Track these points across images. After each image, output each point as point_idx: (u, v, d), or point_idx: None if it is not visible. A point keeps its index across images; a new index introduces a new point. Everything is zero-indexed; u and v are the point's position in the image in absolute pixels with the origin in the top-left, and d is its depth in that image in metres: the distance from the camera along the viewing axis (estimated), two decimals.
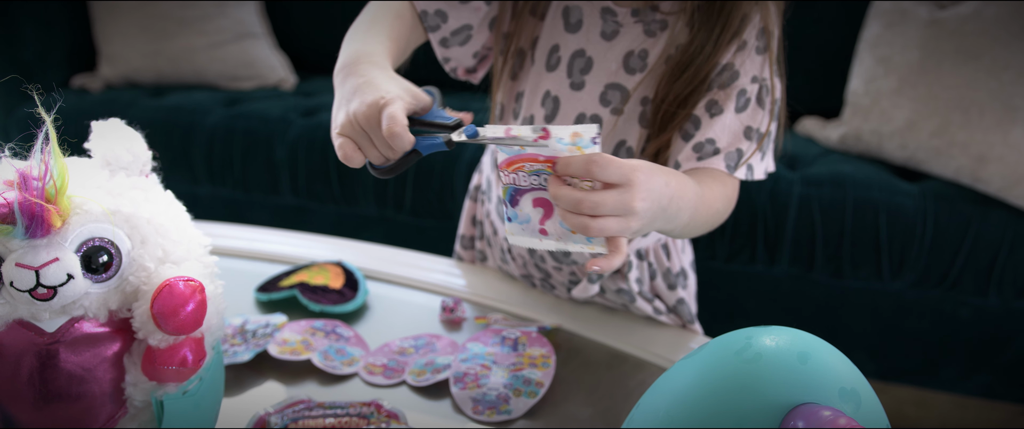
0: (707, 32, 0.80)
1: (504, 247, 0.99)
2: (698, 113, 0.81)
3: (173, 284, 0.56)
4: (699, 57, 0.80)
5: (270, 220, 1.88)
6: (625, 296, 0.94)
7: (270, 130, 1.83)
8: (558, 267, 0.94)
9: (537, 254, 0.93)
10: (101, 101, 2.00)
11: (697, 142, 0.80)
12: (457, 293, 0.99)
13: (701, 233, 0.80)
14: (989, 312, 1.57)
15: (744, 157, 0.81)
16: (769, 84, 0.82)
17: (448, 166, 1.70)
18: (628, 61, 0.84)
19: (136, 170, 0.62)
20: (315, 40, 2.23)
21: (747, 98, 0.81)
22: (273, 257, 1.06)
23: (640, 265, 0.95)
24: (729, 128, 0.80)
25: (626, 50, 0.84)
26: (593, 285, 0.91)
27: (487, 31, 0.90)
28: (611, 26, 0.84)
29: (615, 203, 0.60)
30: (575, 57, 0.86)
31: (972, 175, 1.50)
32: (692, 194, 0.71)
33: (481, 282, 1.02)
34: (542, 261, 0.94)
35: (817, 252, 1.56)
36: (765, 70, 0.82)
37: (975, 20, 1.51)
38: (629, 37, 0.84)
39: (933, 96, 1.53)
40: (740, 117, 0.81)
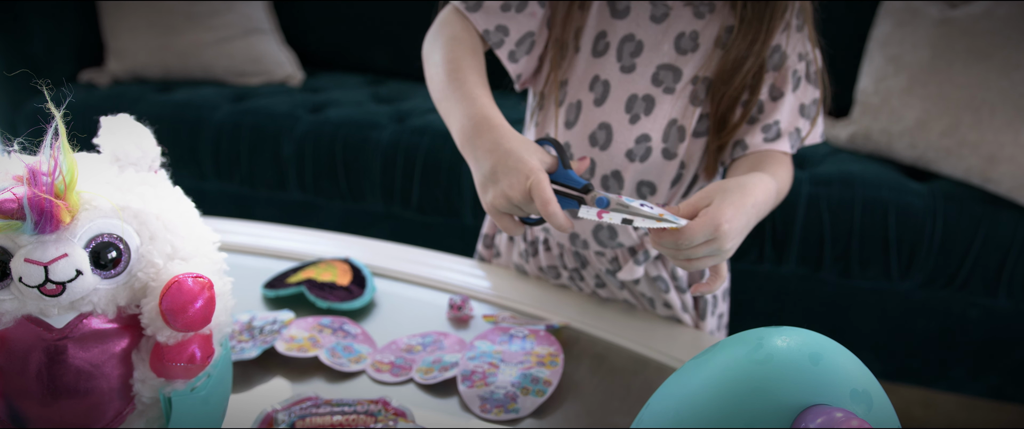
0: (757, 26, 0.84)
1: (540, 238, 0.99)
2: (761, 98, 0.87)
3: (182, 281, 0.56)
4: (752, 51, 0.84)
5: (277, 216, 1.88)
6: (660, 285, 0.95)
7: (277, 126, 1.83)
8: (601, 251, 0.95)
9: (579, 240, 0.94)
10: (108, 96, 2.00)
11: (764, 124, 0.87)
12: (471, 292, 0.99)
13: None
14: (998, 313, 1.56)
15: (803, 134, 0.89)
16: (812, 57, 0.88)
17: (455, 164, 1.69)
18: (679, 42, 0.87)
19: (145, 166, 0.62)
20: (323, 36, 2.23)
21: (799, 77, 0.88)
22: (280, 254, 1.06)
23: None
24: (789, 109, 0.87)
25: (677, 32, 0.87)
26: (638, 267, 0.92)
27: (546, 32, 0.91)
28: (661, 10, 0.87)
29: (707, 252, 0.70)
30: (624, 41, 0.88)
31: (982, 175, 1.50)
32: (772, 197, 0.79)
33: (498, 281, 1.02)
34: (585, 247, 0.95)
35: (825, 251, 1.55)
36: (806, 45, 0.88)
37: (986, 19, 1.50)
38: (679, 20, 0.87)
39: (943, 96, 1.52)
40: (796, 95, 0.88)
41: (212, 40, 2.06)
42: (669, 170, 0.90)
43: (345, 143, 1.76)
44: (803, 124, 0.89)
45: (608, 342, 0.90)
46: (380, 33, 2.17)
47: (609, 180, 0.90)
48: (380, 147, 1.74)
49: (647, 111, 0.88)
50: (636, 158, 0.89)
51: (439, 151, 1.71)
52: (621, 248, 0.94)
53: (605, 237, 0.93)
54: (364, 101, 1.96)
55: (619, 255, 0.95)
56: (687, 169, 0.91)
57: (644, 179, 0.90)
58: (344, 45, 2.22)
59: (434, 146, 1.71)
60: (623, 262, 0.95)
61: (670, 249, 0.70)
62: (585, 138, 0.90)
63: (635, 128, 0.88)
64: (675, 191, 0.91)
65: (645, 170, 0.90)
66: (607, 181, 0.90)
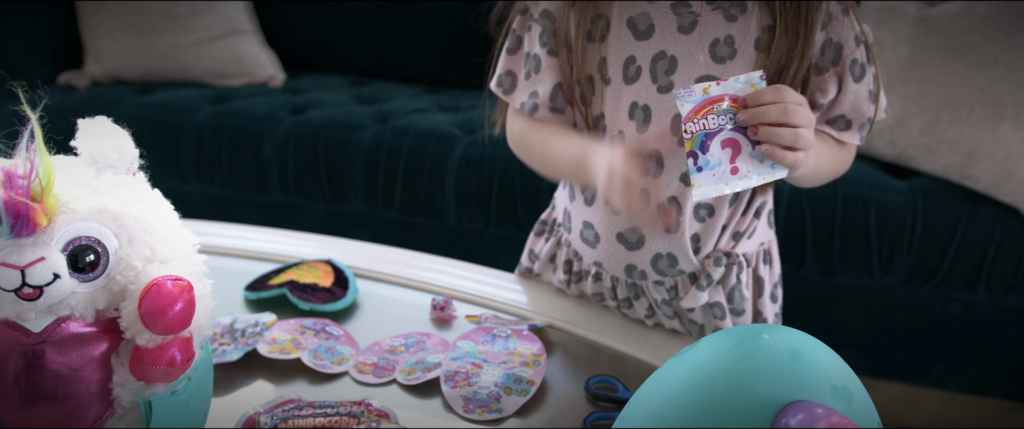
0: (796, 27, 0.80)
1: (590, 272, 0.95)
2: (821, 93, 0.84)
3: (161, 283, 0.56)
4: (794, 54, 0.81)
5: (259, 218, 1.87)
6: (716, 312, 0.92)
7: (259, 127, 1.82)
8: (660, 280, 0.90)
9: (637, 271, 0.90)
10: (87, 98, 1.98)
11: (830, 117, 0.85)
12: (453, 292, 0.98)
13: (823, 182, 0.89)
14: (978, 308, 1.58)
15: (871, 119, 0.86)
16: (863, 36, 0.84)
17: (438, 164, 1.69)
18: (715, 50, 0.82)
19: (123, 168, 0.62)
20: (304, 37, 2.22)
21: (860, 63, 0.84)
22: (262, 255, 1.06)
23: (748, 271, 0.92)
24: (856, 99, 0.84)
25: (711, 39, 0.82)
26: (702, 292, 0.88)
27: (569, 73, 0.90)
28: (687, 18, 0.82)
29: (806, 115, 0.72)
30: (656, 61, 0.83)
31: (961, 172, 1.51)
32: (823, 146, 0.83)
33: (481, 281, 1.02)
34: (642, 278, 0.91)
35: (807, 249, 1.56)
36: (856, 25, 0.84)
37: (964, 17, 1.52)
38: (710, 26, 0.82)
39: (923, 93, 1.53)
40: (862, 85, 0.84)
41: (192, 41, 2.05)
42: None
43: (327, 144, 1.75)
44: (870, 109, 0.86)
45: (591, 341, 0.91)
46: (362, 33, 2.17)
47: (665, 206, 0.86)
48: (362, 148, 1.74)
49: None
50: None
51: (422, 152, 1.70)
52: (681, 276, 0.90)
53: (664, 266, 0.89)
54: (346, 102, 1.95)
55: (679, 283, 0.90)
56: (745, 190, 0.88)
57: (702, 201, 0.87)
58: (326, 46, 2.21)
59: (417, 146, 1.71)
60: (683, 290, 0.90)
61: (775, 107, 0.71)
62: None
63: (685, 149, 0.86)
64: (734, 211, 0.88)
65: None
66: (664, 207, 0.86)
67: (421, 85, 2.14)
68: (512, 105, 0.92)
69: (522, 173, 1.63)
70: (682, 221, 0.84)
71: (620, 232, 0.89)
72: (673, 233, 0.76)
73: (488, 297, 0.98)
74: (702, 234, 0.88)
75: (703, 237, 0.88)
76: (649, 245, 0.88)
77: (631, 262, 0.90)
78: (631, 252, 0.89)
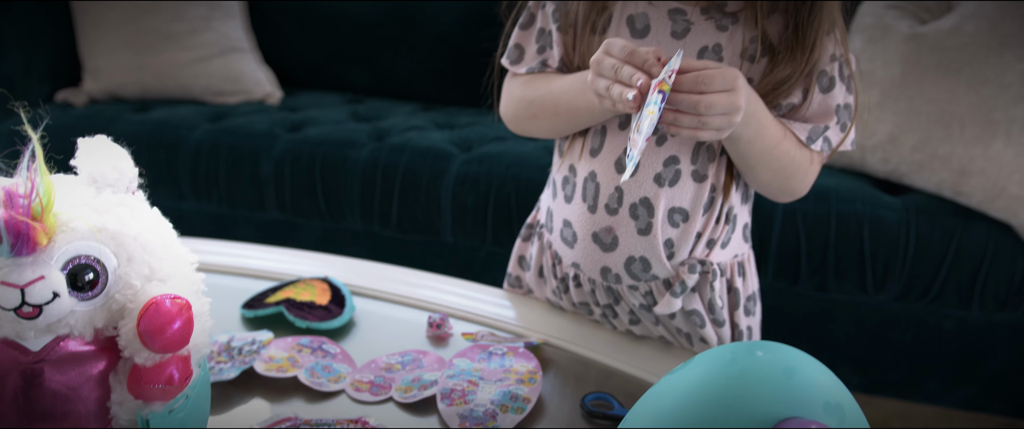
0: (793, 66, 0.84)
1: (570, 275, 0.97)
2: (785, 96, 0.86)
3: (160, 302, 0.56)
4: (797, 70, 0.84)
5: (256, 235, 1.87)
6: (695, 320, 0.93)
7: (256, 145, 1.82)
8: (634, 285, 0.92)
9: (611, 274, 0.92)
10: (85, 115, 1.99)
11: (790, 117, 0.87)
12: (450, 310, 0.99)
13: (779, 184, 0.89)
14: (972, 324, 1.59)
15: (829, 133, 0.87)
16: (844, 59, 0.87)
17: (434, 182, 1.70)
18: (703, 56, 0.86)
19: (122, 187, 0.62)
20: (301, 54, 2.23)
21: (829, 76, 0.86)
22: (259, 273, 1.06)
23: (722, 280, 0.94)
24: (818, 108, 0.86)
25: (700, 46, 0.86)
26: (676, 299, 0.90)
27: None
28: (681, 25, 0.86)
29: (726, 103, 0.73)
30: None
31: (954, 188, 1.52)
32: (770, 119, 0.83)
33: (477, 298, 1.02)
34: (617, 281, 0.92)
35: (802, 265, 1.57)
36: (838, 48, 0.86)
37: (955, 35, 1.54)
38: (701, 33, 0.86)
39: (915, 110, 1.54)
40: (827, 96, 0.86)
41: (190, 59, 2.06)
42: (701, 194, 0.88)
43: (324, 162, 1.76)
44: (832, 124, 0.87)
45: (587, 358, 0.91)
46: (359, 51, 2.18)
47: (638, 208, 0.88)
48: (359, 166, 1.74)
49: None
50: (665, 182, 0.87)
51: (418, 169, 1.71)
52: (655, 281, 0.91)
53: (638, 270, 0.91)
54: (343, 119, 1.96)
55: (653, 288, 0.92)
56: (717, 193, 0.90)
57: (676, 205, 0.88)
58: (323, 63, 2.23)
59: (413, 164, 1.72)
60: (658, 296, 0.92)
61: (688, 98, 0.73)
62: (611, 165, 0.89)
63: (662, 150, 0.87)
64: (709, 218, 0.90)
65: (676, 195, 0.88)
66: (637, 209, 0.88)
67: (418, 102, 2.15)
68: (516, 72, 0.96)
69: (518, 191, 1.64)
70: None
71: (595, 232, 0.91)
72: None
73: (484, 314, 0.98)
74: (676, 240, 0.89)
75: (677, 243, 0.89)
76: (623, 248, 0.90)
77: (606, 264, 0.91)
78: (606, 254, 0.91)
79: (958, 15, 1.57)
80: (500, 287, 1.10)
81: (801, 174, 0.89)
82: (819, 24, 0.83)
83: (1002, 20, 1.50)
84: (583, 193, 0.91)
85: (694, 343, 0.96)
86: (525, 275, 1.06)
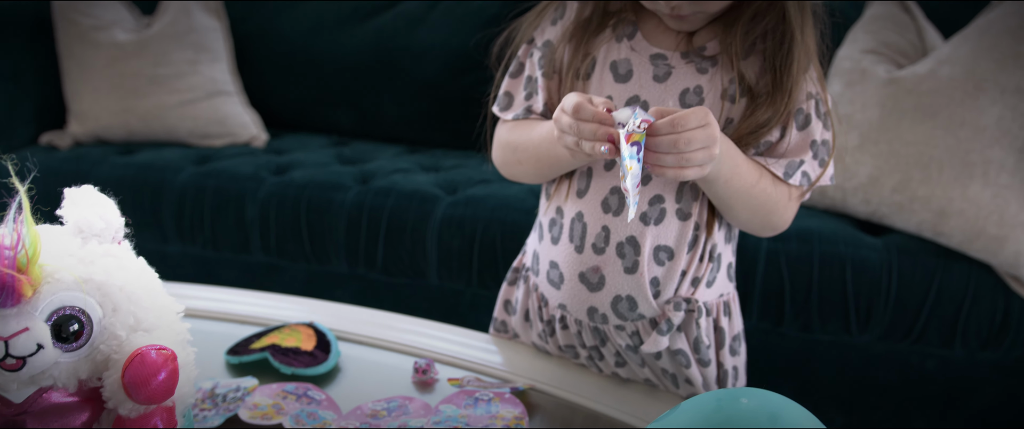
0: (773, 109, 0.86)
1: (556, 317, 0.98)
2: (770, 139, 0.89)
3: (145, 353, 0.56)
4: (777, 112, 0.86)
5: (240, 278, 1.86)
6: (681, 360, 0.94)
7: (241, 188, 1.82)
8: (621, 325, 0.93)
9: (598, 314, 0.93)
10: (69, 158, 1.99)
11: (766, 154, 0.89)
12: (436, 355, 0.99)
13: (759, 222, 0.91)
14: (955, 364, 1.59)
15: (806, 168, 0.89)
16: (821, 96, 0.89)
17: (419, 225, 1.70)
18: (685, 98, 0.88)
19: (108, 237, 0.62)
20: (287, 97, 2.24)
21: (805, 114, 0.88)
22: (244, 319, 1.06)
23: (708, 320, 0.95)
24: (794, 144, 0.88)
25: (681, 88, 0.88)
26: (662, 337, 0.91)
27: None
28: (663, 69, 0.89)
29: (702, 137, 0.75)
30: (630, 103, 0.90)
31: (933, 229, 1.54)
32: (741, 158, 0.84)
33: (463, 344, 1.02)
34: (603, 321, 0.93)
35: (786, 306, 1.57)
36: (814, 85, 0.89)
37: (930, 80, 1.57)
38: (682, 77, 0.89)
39: (894, 153, 1.57)
40: (805, 133, 0.88)
41: (176, 102, 2.07)
42: (686, 232, 0.90)
43: (309, 205, 1.76)
44: (808, 159, 0.89)
45: (573, 403, 0.91)
46: (344, 94, 2.20)
47: (625, 247, 0.90)
48: (345, 208, 1.75)
49: None
50: (651, 221, 0.89)
51: (404, 211, 1.72)
52: (642, 320, 0.92)
53: (625, 309, 0.91)
54: (329, 162, 1.97)
55: (640, 328, 0.93)
56: (701, 231, 0.91)
57: (661, 243, 0.90)
58: (308, 106, 2.24)
59: (399, 207, 1.72)
60: (645, 335, 0.93)
61: (667, 139, 0.75)
62: (598, 205, 0.91)
63: (647, 190, 0.89)
64: (693, 256, 0.91)
65: (661, 234, 0.89)
66: (623, 248, 0.90)
67: (403, 145, 2.16)
68: (504, 119, 0.98)
69: (503, 233, 1.64)
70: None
71: (582, 272, 0.92)
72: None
73: (470, 360, 0.98)
74: (662, 278, 0.90)
75: (663, 281, 0.90)
76: (609, 287, 0.91)
77: (593, 304, 0.92)
78: (592, 294, 0.92)
79: (933, 60, 1.60)
80: (486, 330, 1.10)
81: (780, 210, 0.90)
82: (796, 68, 0.85)
83: (976, 65, 1.53)
84: (570, 234, 0.92)
85: (680, 384, 0.97)
86: (511, 319, 1.06)
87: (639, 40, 0.91)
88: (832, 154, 0.91)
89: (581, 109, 0.78)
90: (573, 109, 0.78)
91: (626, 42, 0.91)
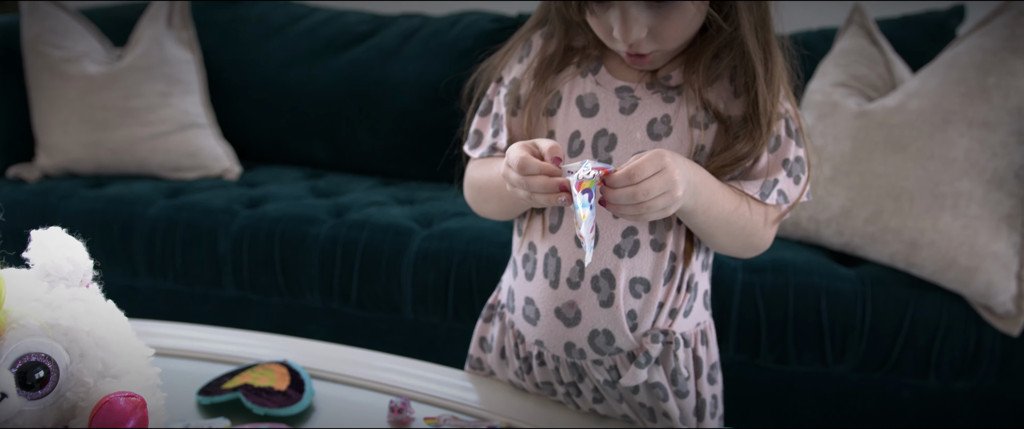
0: (752, 142, 0.86)
1: (533, 353, 0.97)
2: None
3: (113, 401, 0.55)
4: (755, 145, 0.86)
5: (212, 313, 1.84)
6: (658, 393, 0.93)
7: (213, 221, 1.80)
8: (599, 360, 0.93)
9: (576, 349, 0.92)
10: (37, 191, 1.95)
11: (739, 177, 0.89)
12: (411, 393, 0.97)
13: (740, 245, 0.90)
14: (930, 393, 1.60)
15: (781, 186, 0.88)
16: (792, 115, 0.89)
17: (394, 259, 1.69)
18: (652, 128, 0.88)
19: (76, 280, 0.61)
20: (261, 129, 2.23)
21: (776, 135, 0.88)
22: (216, 357, 1.04)
23: (686, 350, 0.94)
24: (766, 165, 0.88)
25: (648, 119, 0.88)
26: (641, 370, 0.90)
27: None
28: (629, 101, 0.89)
29: (661, 184, 0.75)
30: (598, 137, 0.89)
31: (906, 260, 1.55)
32: (717, 185, 0.84)
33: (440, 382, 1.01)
34: (581, 356, 0.93)
35: (762, 338, 1.58)
36: (787, 103, 0.89)
37: (900, 112, 1.59)
38: (649, 107, 0.88)
39: (866, 185, 1.58)
40: (776, 154, 0.88)
41: (147, 135, 2.04)
42: (661, 263, 0.90)
43: (283, 239, 1.75)
44: (782, 177, 0.88)
45: None
46: (318, 126, 2.19)
47: (600, 280, 0.89)
48: (318, 242, 1.73)
49: None
50: (625, 253, 0.89)
51: (379, 245, 1.70)
52: (620, 354, 0.92)
53: (602, 343, 0.91)
54: (302, 195, 1.95)
55: (618, 361, 0.92)
56: (678, 261, 0.91)
57: (637, 275, 0.89)
58: (282, 138, 2.23)
59: (373, 240, 1.71)
60: (623, 369, 0.93)
61: (626, 188, 0.75)
62: (571, 240, 0.90)
63: (620, 222, 0.89)
64: (669, 287, 0.91)
65: (636, 266, 0.89)
66: (598, 281, 0.90)
67: (378, 177, 2.15)
68: (473, 156, 0.99)
69: (478, 267, 1.64)
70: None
71: (557, 308, 0.91)
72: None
73: (446, 397, 0.97)
74: (639, 311, 0.90)
75: (640, 314, 0.90)
76: (586, 321, 0.90)
77: (570, 339, 0.92)
78: (569, 329, 0.91)
79: (902, 93, 1.63)
80: (462, 363, 1.09)
81: (761, 232, 0.90)
82: (765, 102, 0.85)
83: (943, 98, 1.56)
84: (545, 269, 0.92)
85: (657, 418, 0.96)
86: (487, 357, 1.05)
87: (603, 74, 0.91)
88: (808, 171, 0.91)
89: (525, 165, 0.78)
90: (517, 166, 0.78)
91: (591, 77, 0.92)
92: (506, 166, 0.80)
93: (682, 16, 0.81)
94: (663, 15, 0.81)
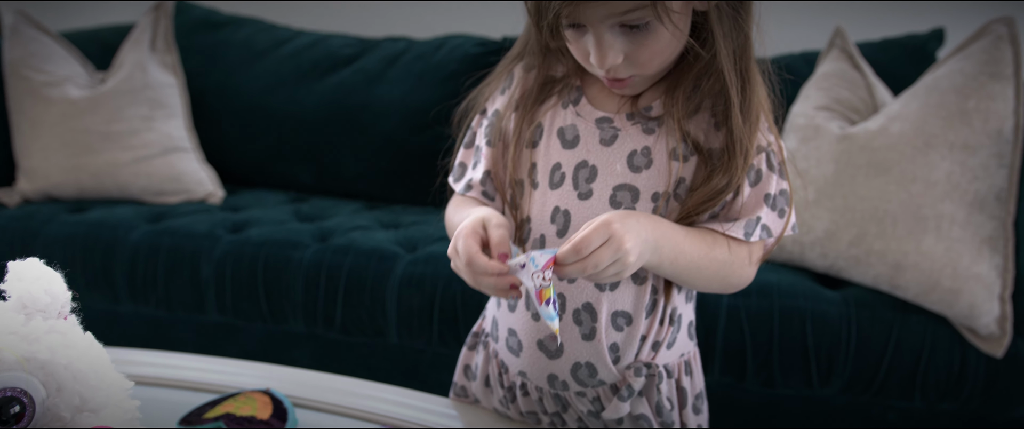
0: (729, 175, 0.84)
1: (517, 383, 0.97)
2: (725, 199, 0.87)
3: None
4: (733, 178, 0.85)
5: (194, 339, 1.82)
6: (643, 424, 0.93)
7: (196, 246, 1.79)
8: (582, 392, 0.92)
9: (559, 381, 0.92)
10: (18, 216, 1.93)
11: (721, 215, 0.88)
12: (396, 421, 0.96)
13: (717, 285, 0.89)
14: (916, 415, 1.60)
15: (765, 222, 0.87)
16: (774, 148, 0.88)
17: (379, 283, 1.68)
18: (632, 160, 0.87)
19: (54, 312, 0.60)
20: (244, 153, 2.22)
21: (756, 169, 0.86)
22: (197, 385, 1.02)
23: (669, 382, 0.93)
24: (748, 201, 0.86)
25: (629, 150, 0.87)
26: (623, 403, 0.90)
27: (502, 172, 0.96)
28: (609, 132, 0.88)
29: (610, 254, 0.74)
30: (579, 169, 0.89)
31: (890, 282, 1.56)
32: (682, 235, 0.82)
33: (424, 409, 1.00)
34: (564, 388, 0.92)
35: (748, 361, 1.58)
36: (767, 136, 0.87)
37: (882, 136, 1.60)
38: (629, 139, 0.88)
39: (849, 207, 1.59)
40: (757, 189, 0.86)
41: (129, 159, 2.03)
42: (643, 296, 0.89)
43: (266, 263, 1.73)
44: (765, 213, 0.87)
45: None
46: (302, 150, 2.18)
47: (581, 313, 0.89)
48: (302, 267, 1.72)
49: None
50: (606, 287, 0.88)
51: (363, 270, 1.69)
52: (602, 386, 0.91)
53: (585, 376, 0.91)
54: (286, 219, 1.94)
55: (601, 394, 0.92)
56: (659, 294, 0.90)
57: (618, 309, 0.89)
58: (266, 162, 2.22)
59: (358, 265, 1.70)
60: (606, 401, 0.92)
61: (574, 264, 0.75)
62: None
63: None
64: (652, 320, 0.90)
65: (618, 299, 0.89)
66: (580, 314, 0.89)
67: (362, 201, 2.15)
68: (456, 189, 0.98)
69: (463, 291, 1.63)
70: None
71: (540, 340, 0.91)
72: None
73: (431, 426, 0.96)
74: (621, 344, 0.90)
75: (622, 347, 0.90)
76: (568, 354, 0.90)
77: (552, 371, 0.91)
78: (552, 361, 0.91)
79: (884, 116, 1.64)
80: (447, 388, 1.08)
81: (739, 270, 0.89)
82: (741, 131, 0.84)
83: (925, 122, 1.57)
84: (526, 301, 0.91)
85: None
86: (471, 384, 1.04)
87: (584, 105, 0.91)
88: (791, 203, 0.90)
89: (473, 264, 0.78)
90: (465, 262, 0.78)
91: (571, 108, 0.91)
92: (453, 250, 0.80)
93: (657, 41, 0.80)
94: (638, 41, 0.80)
